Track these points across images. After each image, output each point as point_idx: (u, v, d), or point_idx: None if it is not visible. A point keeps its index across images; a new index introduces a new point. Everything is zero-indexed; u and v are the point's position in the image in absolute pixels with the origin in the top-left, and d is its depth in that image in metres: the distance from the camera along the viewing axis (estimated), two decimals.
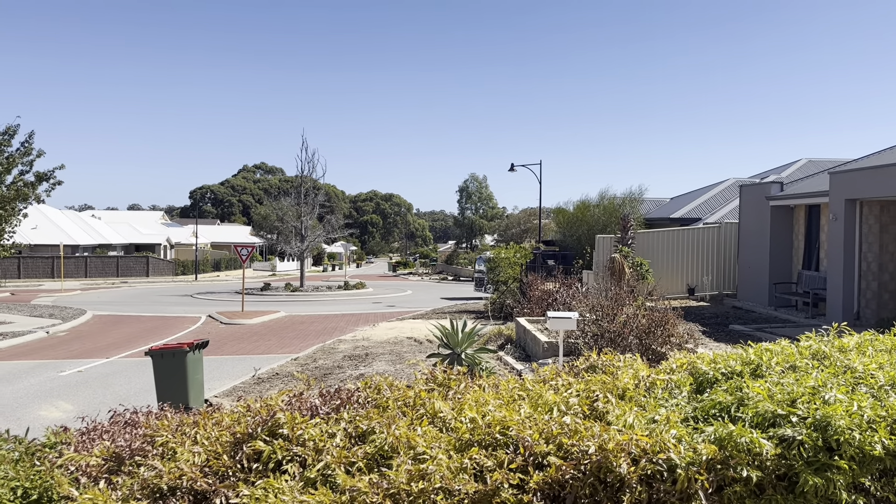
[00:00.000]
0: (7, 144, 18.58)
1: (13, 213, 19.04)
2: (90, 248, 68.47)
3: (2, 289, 48.78)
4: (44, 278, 58.14)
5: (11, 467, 3.43)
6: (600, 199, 31.50)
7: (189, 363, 10.28)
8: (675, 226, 28.41)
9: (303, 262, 50.14)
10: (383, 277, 71.67)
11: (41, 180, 19.11)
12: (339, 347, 17.69)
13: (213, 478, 3.51)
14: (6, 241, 19.63)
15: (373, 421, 3.91)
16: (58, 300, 37.26)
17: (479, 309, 27.30)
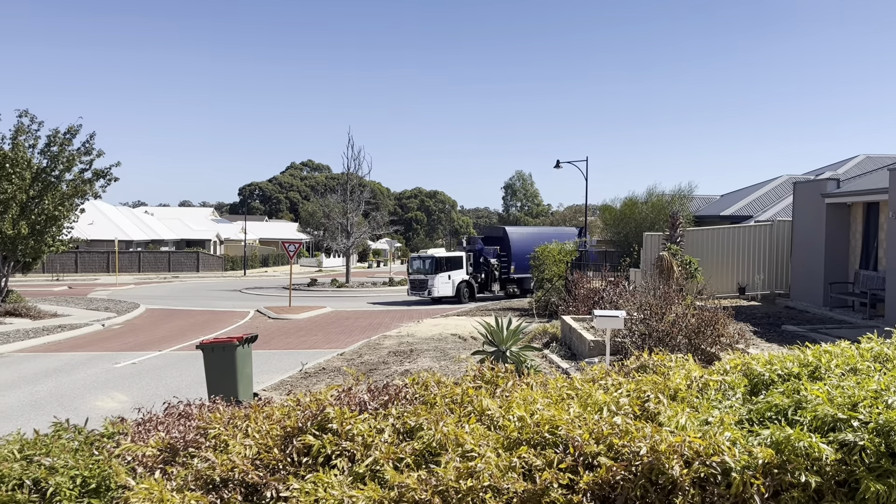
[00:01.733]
0: (69, 143, 19.19)
1: (72, 209, 19.66)
2: (143, 244, 70.33)
3: (60, 282, 50.47)
4: (99, 272, 59.94)
5: (71, 456, 3.53)
6: (648, 196, 31.03)
7: (238, 357, 10.48)
8: (726, 223, 27.82)
9: (348, 259, 50.68)
10: None
11: (98, 177, 19.70)
12: (384, 343, 17.81)
13: (264, 471, 3.56)
14: (65, 235, 20.29)
15: (420, 417, 3.91)
16: (112, 294, 38.38)
17: (523, 306, 27.19)
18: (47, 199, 18.87)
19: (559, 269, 25.76)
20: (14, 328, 21.57)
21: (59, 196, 19.16)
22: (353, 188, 48.22)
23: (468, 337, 18.22)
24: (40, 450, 3.62)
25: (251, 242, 79.01)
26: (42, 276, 53.93)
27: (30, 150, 19.10)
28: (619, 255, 27.65)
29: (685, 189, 31.90)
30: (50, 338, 20.14)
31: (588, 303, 18.66)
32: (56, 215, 19.16)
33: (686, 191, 31.78)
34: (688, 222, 27.28)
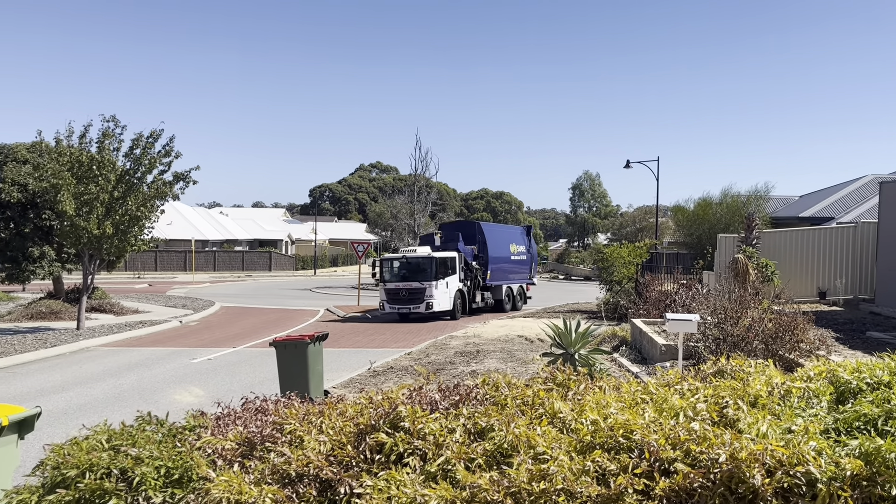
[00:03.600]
0: (150, 147, 19.98)
1: (153, 210, 20.45)
2: (218, 244, 72.62)
3: (141, 280, 52.64)
4: (177, 271, 62.19)
5: (156, 447, 3.67)
6: (723, 196, 30.15)
7: (310, 354, 10.67)
8: (805, 225, 26.76)
9: None
10: None
11: (178, 179, 20.44)
12: (451, 343, 17.86)
13: (338, 467, 3.62)
14: (146, 235, 21.12)
15: (492, 418, 3.90)
16: (189, 292, 39.77)
17: (591, 309, 26.81)
18: (130, 200, 19.69)
19: (628, 272, 25.30)
20: (99, 323, 22.62)
21: (142, 197, 19.96)
22: (420, 189, 48.57)
23: (535, 339, 18.09)
24: (127, 440, 3.78)
25: (321, 243, 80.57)
26: (124, 273, 56.32)
27: (114, 153, 19.97)
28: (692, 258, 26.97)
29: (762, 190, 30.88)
30: (132, 333, 21.02)
31: (659, 306, 18.27)
32: (138, 215, 19.97)
33: (763, 191, 30.76)
34: (764, 224, 26.38)
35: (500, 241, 30.01)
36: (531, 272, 32.67)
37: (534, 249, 33.54)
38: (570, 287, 50.99)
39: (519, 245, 31.54)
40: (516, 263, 30.73)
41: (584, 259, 68.55)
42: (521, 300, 30.82)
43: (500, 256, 29.30)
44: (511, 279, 30.15)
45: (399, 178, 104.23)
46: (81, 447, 3.72)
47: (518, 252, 31.08)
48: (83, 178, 19.35)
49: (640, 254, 25.96)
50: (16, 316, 24.85)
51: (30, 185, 21.82)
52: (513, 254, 30.51)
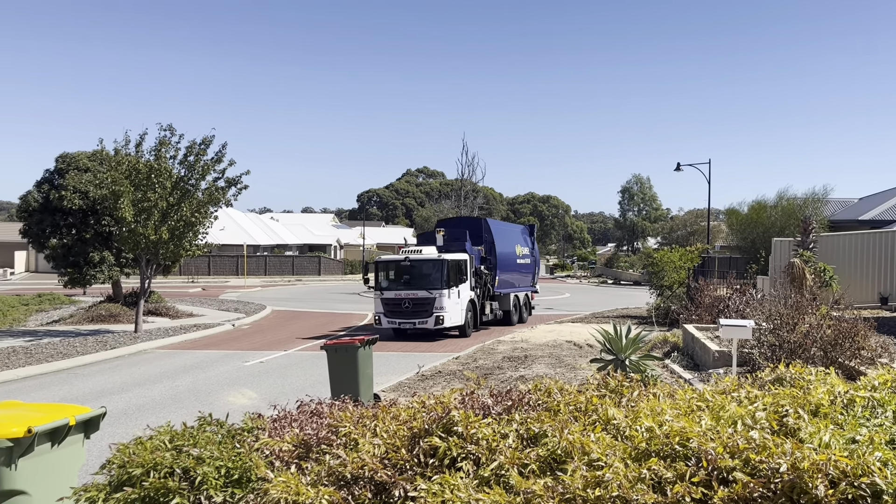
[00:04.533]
0: (203, 154, 20.50)
1: (206, 216, 20.97)
2: (269, 248, 73.92)
3: (194, 284, 53.93)
4: (229, 275, 63.51)
5: (216, 448, 3.76)
6: (778, 199, 29.41)
7: (360, 358, 10.78)
8: (865, 228, 25.90)
9: None
10: (540, 280, 71.14)
11: (230, 185, 20.92)
12: (499, 348, 17.83)
13: (392, 470, 3.65)
14: (200, 240, 21.65)
15: (545, 424, 3.89)
16: (241, 296, 40.57)
17: (641, 314, 26.44)
18: (185, 206, 20.22)
19: (679, 276, 24.89)
20: (155, 326, 23.25)
21: (196, 203, 20.48)
22: (466, 194, 48.70)
23: (584, 344, 17.92)
24: (188, 441, 3.89)
25: (369, 247, 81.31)
26: (179, 278, 57.76)
27: (170, 160, 20.53)
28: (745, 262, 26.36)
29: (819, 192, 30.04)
30: (186, 336, 21.55)
31: (712, 311, 17.93)
32: (193, 221, 20.49)
33: (820, 194, 29.91)
34: (822, 227, 25.64)
35: (508, 241, 26.17)
36: (535, 278, 29.02)
37: (537, 252, 29.80)
38: (619, 292, 50.37)
39: (523, 246, 27.64)
40: (522, 268, 27.11)
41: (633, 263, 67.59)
42: (526, 311, 27.09)
43: (509, 260, 25.53)
44: (518, 286, 26.40)
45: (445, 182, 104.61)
46: (146, 447, 3.84)
47: (523, 254, 27.33)
48: (141, 186, 19.94)
49: (692, 258, 25.51)
50: (77, 319, 25.72)
51: (90, 193, 22.57)
52: (519, 256, 26.71)
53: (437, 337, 21.35)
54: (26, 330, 23.67)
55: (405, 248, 22.67)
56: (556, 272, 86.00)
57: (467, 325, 21.97)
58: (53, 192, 25.07)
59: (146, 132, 20.77)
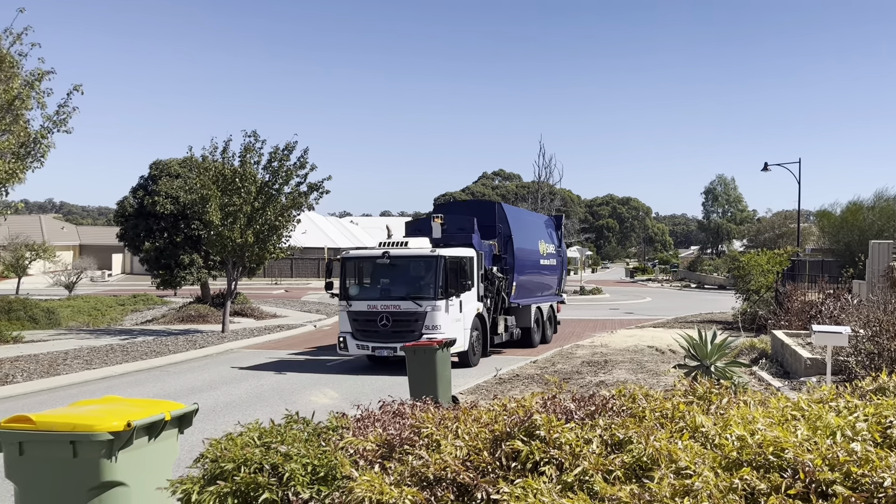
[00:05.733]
0: (286, 159, 21.12)
1: (289, 220, 21.58)
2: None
3: (277, 286, 55.57)
4: (311, 277, 65.07)
5: (303, 446, 3.86)
6: (876, 200, 27.87)
7: (438, 360, 10.86)
8: None
9: None
10: (620, 283, 70.06)
11: (312, 190, 21.48)
12: (577, 353, 17.59)
13: (474, 472, 3.65)
14: (283, 243, 22.29)
15: (629, 430, 3.81)
16: (322, 297, 41.51)
17: (726, 319, 25.59)
18: (269, 210, 20.87)
19: (767, 280, 23.95)
20: (241, 326, 24.09)
21: (280, 207, 21.11)
22: (543, 196, 48.24)
23: (666, 349, 17.46)
24: (276, 438, 4.00)
25: None
26: (263, 280, 59.57)
27: (255, 165, 21.24)
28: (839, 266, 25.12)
29: None
30: (270, 336, 22.23)
31: (802, 317, 17.19)
32: (277, 225, 21.13)
33: None
34: None
35: (529, 234, 20.23)
36: (561, 284, 23.07)
37: (564, 250, 23.66)
38: (703, 296, 48.93)
39: (548, 243, 21.71)
40: (546, 270, 21.40)
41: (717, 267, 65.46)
42: (550, 327, 21.31)
43: (530, 259, 19.77)
44: (540, 295, 20.71)
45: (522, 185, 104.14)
46: (236, 443, 3.98)
47: (548, 253, 21.40)
48: (227, 191, 20.70)
49: (781, 261, 24.51)
50: (169, 319, 26.92)
51: (181, 198, 23.57)
52: (542, 255, 20.89)
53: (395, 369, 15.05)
54: (122, 329, 24.95)
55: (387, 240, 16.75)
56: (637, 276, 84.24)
57: (472, 349, 16.01)
58: (147, 197, 26.36)
59: (231, 139, 21.58)
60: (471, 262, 16.41)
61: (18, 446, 4.51)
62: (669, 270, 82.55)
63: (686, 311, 31.99)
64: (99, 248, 67.52)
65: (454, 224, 17.17)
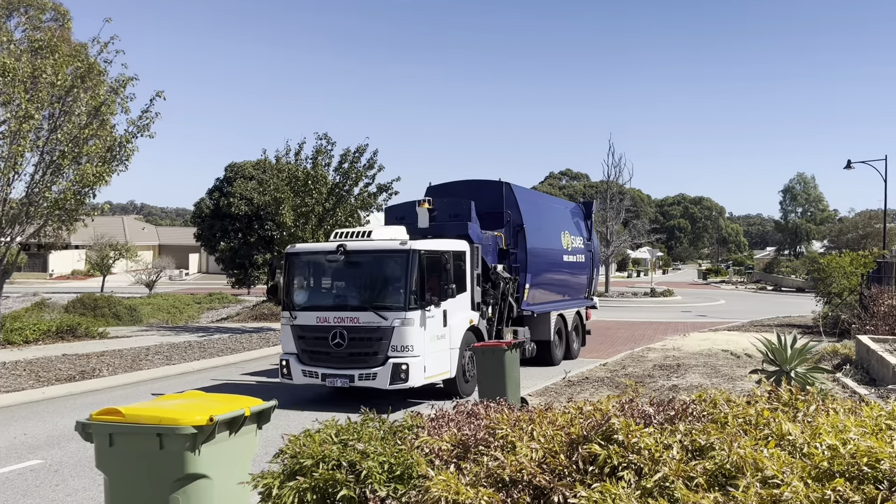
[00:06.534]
0: (357, 161, 21.50)
1: (358, 221, 21.95)
2: None
3: None
4: None
5: (379, 444, 3.91)
6: None
7: (507, 361, 10.82)
8: None
9: (608, 268, 50.10)
10: (692, 285, 68.40)
11: (381, 191, 21.81)
12: (649, 356, 17.23)
13: (550, 475, 3.62)
14: None
15: (711, 436, 3.70)
16: None
17: (806, 323, 24.63)
18: (339, 211, 21.28)
19: (850, 283, 22.94)
20: None
21: (349, 208, 21.51)
22: (612, 196, 47.51)
23: (741, 354, 16.94)
24: (352, 435, 4.06)
25: None
26: None
27: (326, 167, 21.69)
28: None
29: None
30: None
31: (890, 321, 16.43)
32: (346, 225, 21.54)
33: None
34: None
35: (548, 224, 16.75)
36: (592, 286, 19.27)
37: (596, 245, 19.88)
38: (780, 299, 47.28)
39: (575, 235, 18.12)
40: (571, 269, 17.73)
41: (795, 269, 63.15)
42: (577, 339, 18.05)
43: (549, 255, 16.34)
44: (564, 299, 17.35)
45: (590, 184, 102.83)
46: (314, 439, 4.05)
47: (574, 247, 17.83)
48: (299, 192, 21.19)
49: (866, 263, 23.42)
50: (243, 317, 27.71)
51: (255, 199, 24.26)
52: (566, 250, 17.33)
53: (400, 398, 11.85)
54: (199, 326, 25.84)
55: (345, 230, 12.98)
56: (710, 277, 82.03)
57: (464, 374, 12.50)
58: (223, 199, 27.25)
59: (304, 141, 22.10)
60: (460, 259, 12.68)
61: (109, 438, 4.72)
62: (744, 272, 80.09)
63: (762, 315, 30.96)
64: (177, 247, 70.10)
65: (446, 209, 13.73)
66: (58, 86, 13.50)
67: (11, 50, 14.12)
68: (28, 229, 14.51)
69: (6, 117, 13.71)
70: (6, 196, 13.73)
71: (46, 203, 13.89)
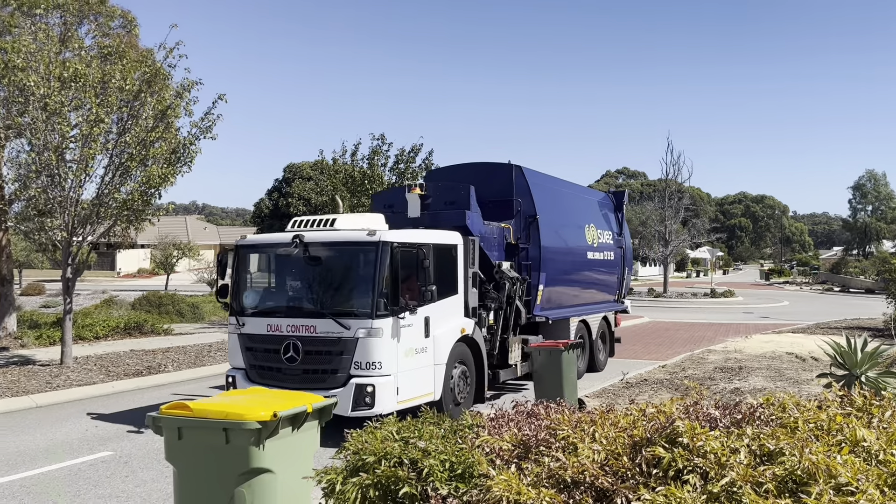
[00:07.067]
0: (412, 161, 21.64)
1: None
2: None
3: None
4: None
5: (440, 442, 3.92)
6: None
7: (564, 362, 10.73)
8: None
9: (666, 268, 49.21)
10: (754, 286, 66.62)
11: None
12: (709, 358, 16.85)
13: (613, 477, 3.57)
14: None
15: (781, 441, 3.59)
16: None
17: (876, 325, 23.70)
18: None
19: None
20: None
21: None
22: (670, 194, 46.62)
23: (807, 357, 16.42)
24: (413, 433, 4.09)
25: None
26: None
27: (381, 168, 21.89)
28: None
29: None
30: None
31: None
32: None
33: None
34: None
35: (568, 215, 14.69)
36: (622, 286, 17.07)
37: (628, 240, 17.57)
38: (848, 300, 45.63)
39: (602, 228, 16.06)
40: (598, 268, 15.77)
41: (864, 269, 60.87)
42: (604, 349, 16.27)
43: (569, 251, 14.43)
44: (586, 304, 15.29)
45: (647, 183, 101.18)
46: (376, 436, 4.10)
47: (601, 243, 15.75)
48: (356, 192, 21.44)
49: None
50: None
51: (312, 199, 24.65)
52: (591, 246, 15.27)
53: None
54: None
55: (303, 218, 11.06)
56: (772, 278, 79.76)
57: (453, 396, 10.43)
58: (281, 199, 27.83)
59: (360, 142, 22.34)
60: (450, 254, 10.80)
61: (178, 431, 4.86)
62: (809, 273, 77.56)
63: (828, 317, 29.93)
64: None
65: (441, 196, 11.81)
66: (126, 90, 13.98)
67: (82, 56, 14.70)
68: (98, 229, 15.06)
69: (78, 121, 14.28)
70: (78, 197, 14.29)
71: (115, 204, 14.41)
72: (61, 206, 13.98)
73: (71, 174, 13.98)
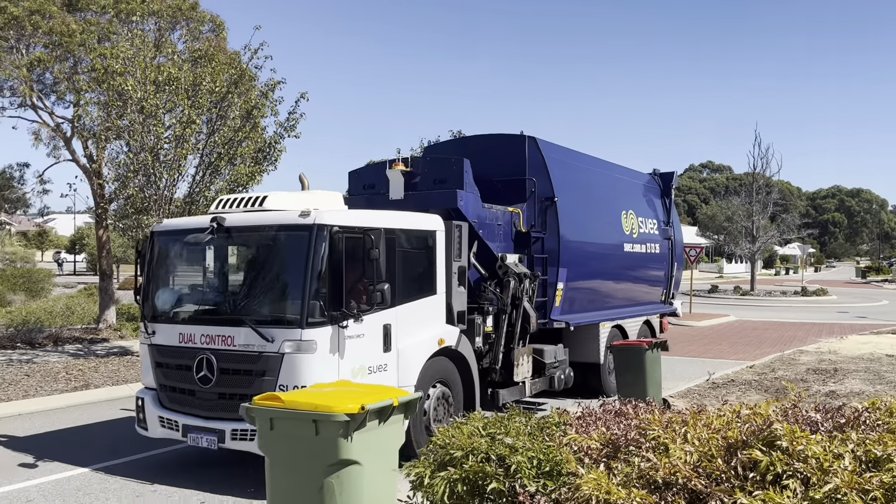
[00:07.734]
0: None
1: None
2: None
3: None
4: None
5: (527, 439, 3.91)
6: None
7: (647, 361, 10.51)
8: None
9: (753, 265, 47.50)
10: (849, 284, 63.44)
11: None
12: (801, 359, 16.16)
13: (706, 479, 3.48)
14: None
15: (889, 447, 3.41)
16: None
17: None
18: None
19: None
20: None
21: None
22: (758, 189, 44.85)
23: None
24: (500, 430, 4.09)
25: None
26: None
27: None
28: None
29: None
30: None
31: None
32: None
33: None
34: None
35: (597, 199, 12.25)
36: (670, 285, 14.53)
37: (677, 230, 14.92)
38: None
39: (643, 216, 13.48)
40: (637, 263, 13.22)
41: None
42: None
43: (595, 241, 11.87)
44: (622, 306, 12.87)
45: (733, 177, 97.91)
46: (463, 431, 4.12)
47: (642, 233, 13.18)
48: None
49: None
50: None
51: None
52: (629, 236, 12.76)
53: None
54: None
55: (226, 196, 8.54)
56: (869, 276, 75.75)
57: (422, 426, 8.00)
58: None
59: (438, 139, 22.43)
60: (424, 243, 8.46)
61: (270, 422, 5.02)
62: None
63: None
64: None
65: (430, 173, 9.53)
66: (215, 92, 14.51)
67: (175, 60, 15.35)
68: None
69: (171, 123, 14.93)
70: (172, 195, 14.94)
71: (206, 201, 14.98)
72: (157, 204, 14.63)
73: (165, 173, 14.62)
